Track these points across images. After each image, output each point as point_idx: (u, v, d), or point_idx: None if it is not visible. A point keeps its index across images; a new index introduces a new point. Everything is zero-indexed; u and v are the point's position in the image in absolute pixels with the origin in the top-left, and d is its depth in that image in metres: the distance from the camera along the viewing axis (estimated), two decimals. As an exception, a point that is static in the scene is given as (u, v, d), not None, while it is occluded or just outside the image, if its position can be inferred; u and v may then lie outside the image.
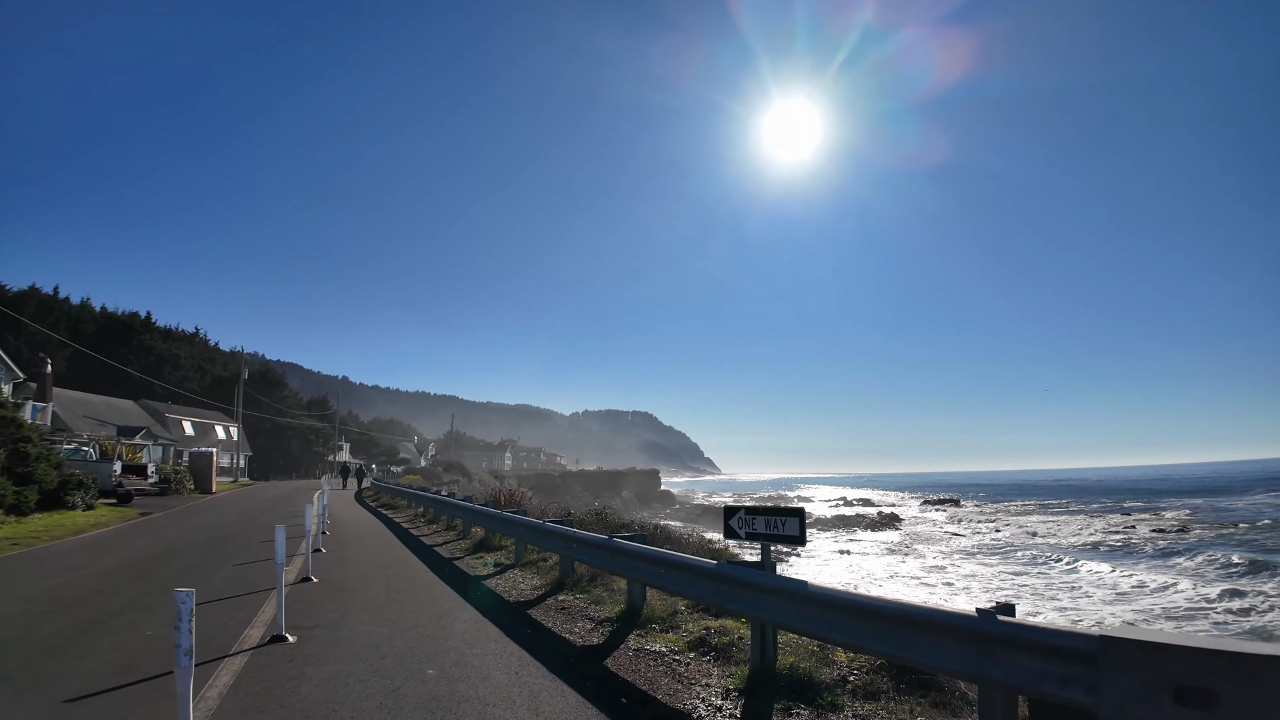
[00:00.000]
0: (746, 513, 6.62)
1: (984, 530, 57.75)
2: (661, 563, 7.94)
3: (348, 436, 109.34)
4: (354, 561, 14.42)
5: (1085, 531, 53.12)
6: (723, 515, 7.01)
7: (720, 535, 36.13)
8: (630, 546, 8.81)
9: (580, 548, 10.69)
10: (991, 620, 4.14)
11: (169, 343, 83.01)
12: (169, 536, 19.28)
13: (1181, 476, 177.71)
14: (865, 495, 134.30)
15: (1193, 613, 23.87)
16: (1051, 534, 52.17)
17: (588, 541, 10.38)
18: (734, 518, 6.79)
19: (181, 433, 65.81)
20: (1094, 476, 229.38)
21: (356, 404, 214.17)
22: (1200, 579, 29.54)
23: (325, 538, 18.34)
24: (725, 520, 6.89)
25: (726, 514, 6.88)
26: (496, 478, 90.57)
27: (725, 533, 6.89)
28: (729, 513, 6.85)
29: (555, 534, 11.81)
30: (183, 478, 40.98)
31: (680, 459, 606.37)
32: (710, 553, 13.83)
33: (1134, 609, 24.69)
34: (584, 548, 10.54)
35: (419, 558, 15.21)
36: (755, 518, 6.51)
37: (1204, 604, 24.87)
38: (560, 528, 11.82)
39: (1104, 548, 42.24)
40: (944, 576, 33.45)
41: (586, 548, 10.42)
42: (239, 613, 9.11)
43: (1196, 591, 26.62)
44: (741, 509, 6.69)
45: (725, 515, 6.89)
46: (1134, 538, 46.00)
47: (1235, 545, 38.99)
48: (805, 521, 6.05)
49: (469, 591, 10.99)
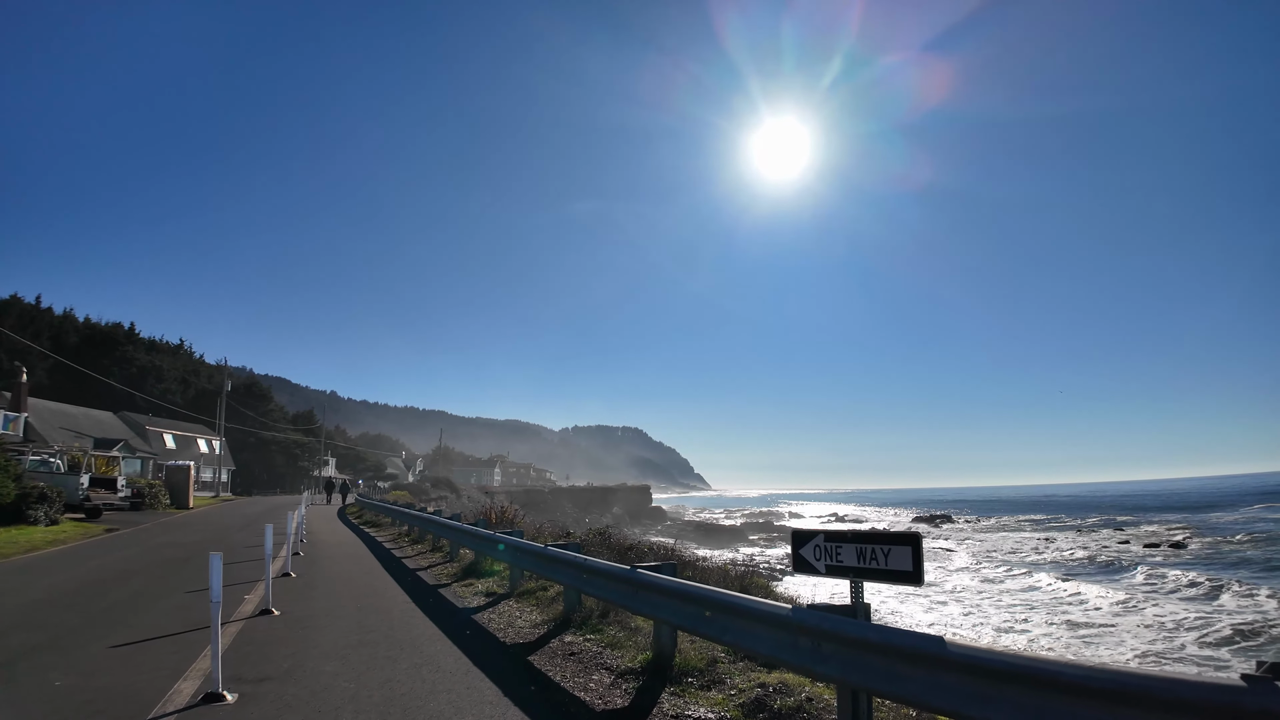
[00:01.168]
0: (827, 540, 5.00)
1: (980, 547, 56.37)
2: (707, 603, 6.10)
3: (334, 451, 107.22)
4: (325, 589, 12.65)
5: (1080, 547, 51.68)
6: (791, 543, 5.37)
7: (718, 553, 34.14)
8: (662, 581, 6.99)
9: (592, 579, 8.77)
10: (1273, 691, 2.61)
11: (153, 354, 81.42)
12: (126, 556, 17.54)
13: (1171, 492, 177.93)
14: (855, 512, 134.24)
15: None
16: (1049, 549, 50.83)
17: (604, 573, 8.42)
18: (807, 545, 5.18)
19: (163, 446, 63.89)
20: (1084, 492, 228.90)
21: (345, 419, 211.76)
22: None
23: (298, 559, 16.62)
24: (794, 549, 5.27)
25: (796, 541, 5.24)
26: (486, 494, 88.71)
27: (795, 564, 5.26)
28: (800, 539, 5.22)
29: (561, 562, 9.87)
30: (157, 492, 39.07)
31: (670, 475, 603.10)
32: (743, 585, 12.05)
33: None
34: (597, 579, 8.61)
35: (399, 584, 13.39)
36: (841, 547, 4.90)
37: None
38: (566, 554, 9.87)
39: (1098, 563, 40.90)
40: (957, 597, 31.84)
41: (601, 579, 8.50)
42: (174, 658, 7.37)
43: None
44: (819, 534, 5.07)
45: (795, 543, 5.25)
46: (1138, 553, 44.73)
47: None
48: (922, 552, 4.46)
49: (456, 629, 9.19)
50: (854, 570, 4.83)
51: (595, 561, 8.96)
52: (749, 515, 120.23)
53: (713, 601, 6.01)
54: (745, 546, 69.14)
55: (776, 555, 57.61)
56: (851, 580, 4.90)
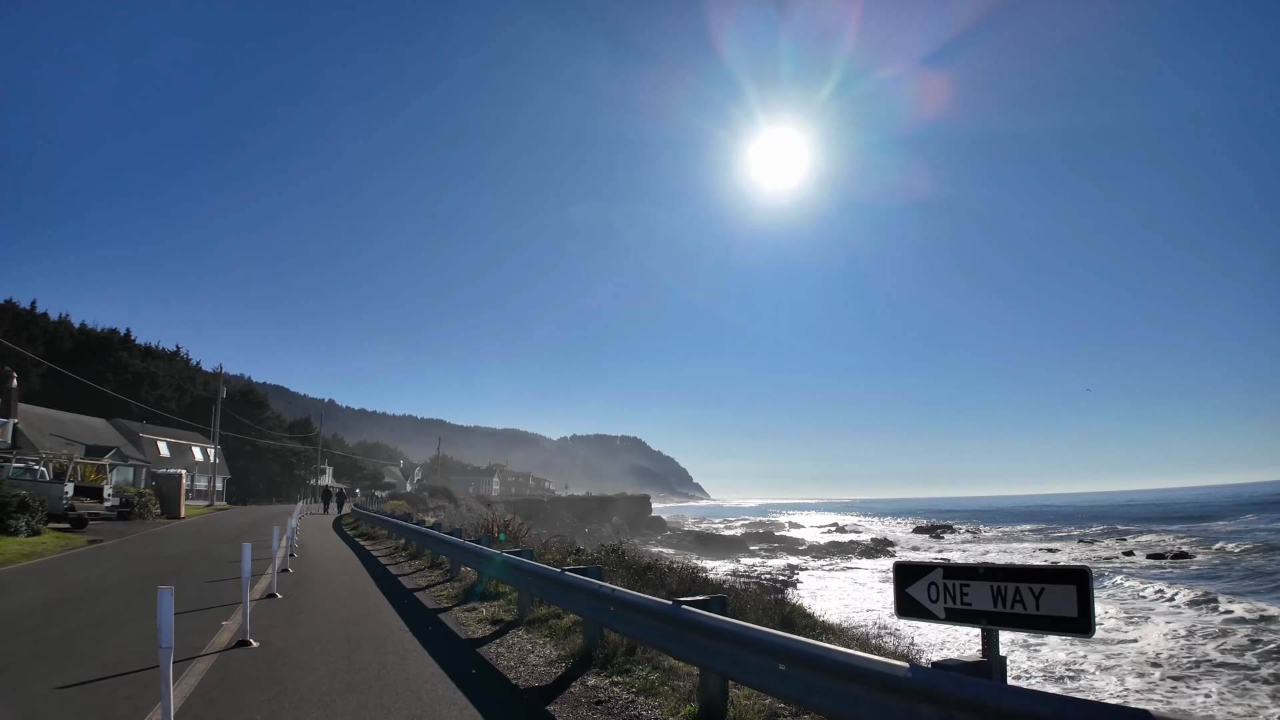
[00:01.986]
0: (948, 576, 3.91)
1: (992, 558, 55.09)
2: (786, 655, 4.69)
3: (331, 460, 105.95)
4: (312, 613, 11.37)
5: (1088, 560, 50.54)
6: (894, 579, 4.23)
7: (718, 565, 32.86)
8: (717, 624, 5.61)
9: (623, 613, 7.40)
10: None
11: (148, 361, 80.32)
12: (102, 572, 16.36)
13: (1171, 501, 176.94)
14: (855, 521, 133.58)
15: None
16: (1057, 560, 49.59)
17: (638, 607, 7.00)
18: (919, 583, 4.04)
19: (156, 453, 62.66)
20: (1083, 502, 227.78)
21: (343, 427, 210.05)
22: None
23: (286, 577, 15.37)
24: (899, 586, 4.14)
25: (904, 576, 4.14)
26: (484, 503, 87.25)
27: (900, 607, 4.12)
28: (907, 575, 4.12)
29: (581, 591, 8.45)
30: (147, 501, 37.89)
31: (669, 484, 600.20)
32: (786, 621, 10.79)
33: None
34: (629, 614, 7.24)
35: (395, 608, 12.05)
36: (969, 586, 3.81)
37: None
38: (589, 583, 8.40)
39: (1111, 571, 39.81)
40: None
41: (633, 615, 7.14)
42: (127, 705, 6.21)
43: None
44: (936, 569, 3.99)
45: (901, 578, 4.15)
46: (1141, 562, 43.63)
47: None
48: (1091, 593, 3.35)
49: (460, 668, 7.87)
50: (988, 616, 3.73)
51: (627, 594, 7.48)
52: (749, 525, 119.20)
53: (793, 654, 4.62)
54: (746, 557, 68.00)
55: (778, 566, 56.61)
56: (984, 629, 3.80)
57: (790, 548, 77.19)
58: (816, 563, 60.92)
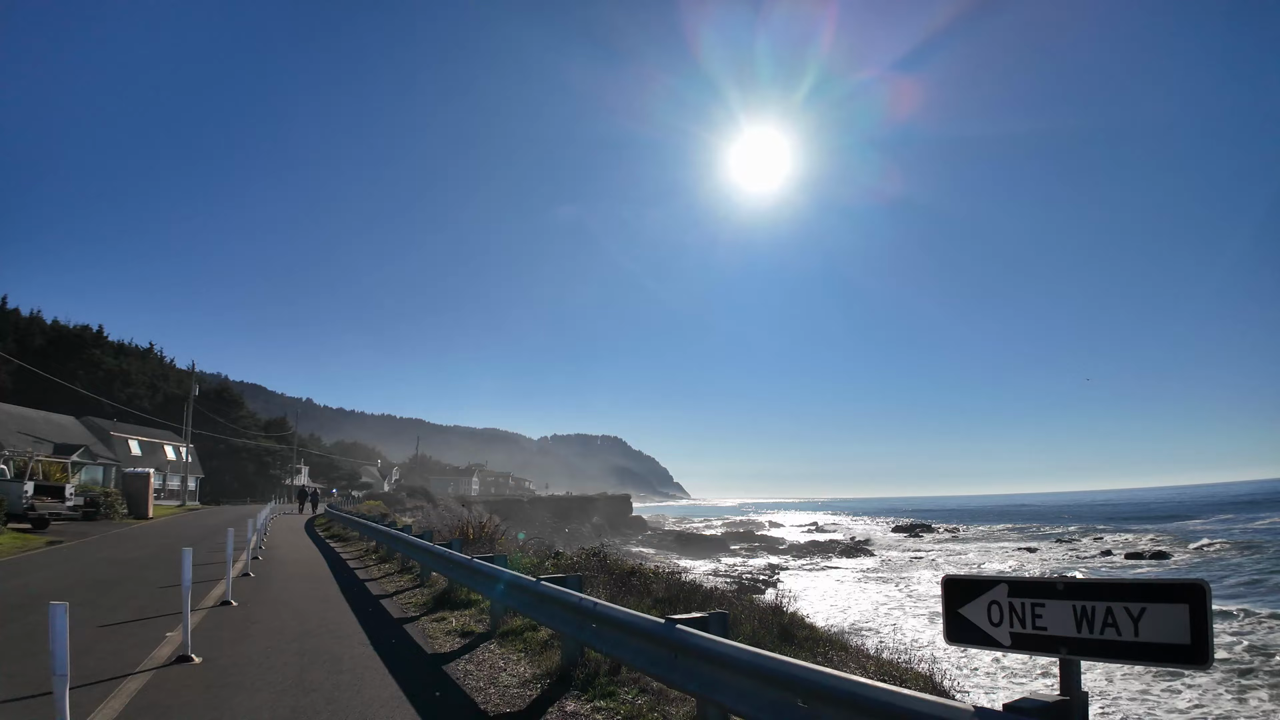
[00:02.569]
0: (1014, 593, 3.16)
1: (971, 556, 55.09)
2: (812, 691, 3.82)
3: (307, 459, 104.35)
4: (267, 623, 10.45)
5: (1068, 559, 50.51)
6: (943, 598, 3.47)
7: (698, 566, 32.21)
8: (722, 649, 4.76)
9: (606, 631, 6.57)
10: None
11: (121, 358, 78.81)
12: (50, 576, 15.39)
13: (1145, 501, 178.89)
14: (834, 521, 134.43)
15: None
16: (1033, 559, 49.63)
17: (625, 625, 6.14)
18: (976, 601, 3.27)
19: (127, 452, 61.21)
20: (1059, 501, 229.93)
21: (320, 427, 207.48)
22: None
23: (246, 582, 14.50)
24: (950, 606, 3.39)
25: (955, 594, 3.39)
26: (463, 504, 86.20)
27: (951, 631, 3.38)
28: (960, 591, 3.37)
29: (559, 603, 7.57)
30: (113, 501, 36.62)
31: (650, 484, 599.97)
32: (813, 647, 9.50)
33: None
34: (613, 633, 6.41)
35: (358, 617, 11.18)
36: (1044, 605, 3.07)
37: None
38: (566, 594, 7.52)
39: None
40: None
41: (619, 634, 6.30)
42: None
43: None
44: (999, 584, 3.24)
45: (951, 597, 3.40)
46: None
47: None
48: (1208, 613, 2.64)
49: (423, 689, 7.00)
50: (1069, 643, 2.97)
51: (611, 610, 6.54)
52: (729, 525, 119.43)
53: (819, 689, 3.72)
54: (727, 557, 67.66)
55: (759, 565, 56.25)
56: (1062, 660, 3.04)
57: (771, 547, 76.99)
58: (797, 562, 60.68)
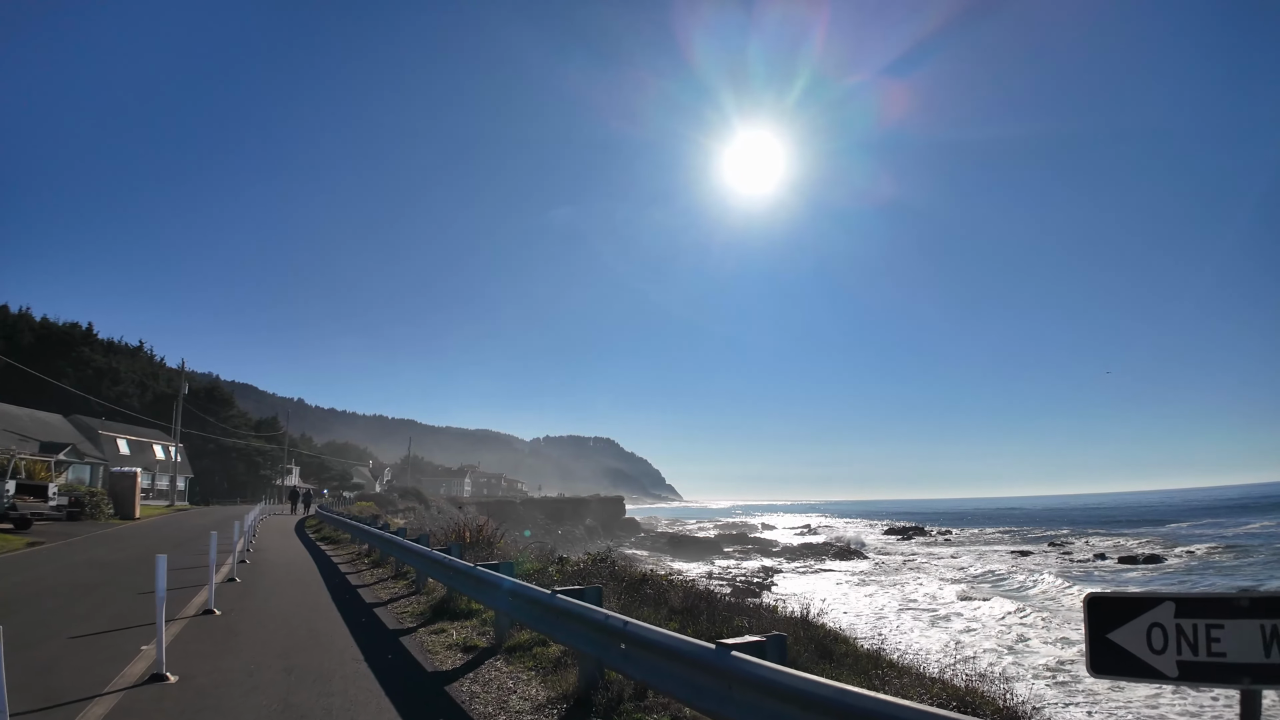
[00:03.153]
0: (1182, 612, 2.80)
1: (965, 559, 55.34)
2: None
3: (298, 460, 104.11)
4: (251, 635, 9.77)
5: (1064, 563, 50.76)
6: (1086, 620, 3.13)
7: (684, 565, 32.16)
8: (786, 680, 4.06)
9: (638, 654, 5.72)
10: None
11: (110, 356, 78.79)
12: (28, 580, 15.02)
13: (1134, 504, 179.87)
14: (826, 523, 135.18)
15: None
16: (1034, 562, 49.85)
17: (664, 649, 5.34)
18: (1130, 625, 2.92)
19: (115, 451, 60.94)
20: (1051, 505, 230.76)
21: (312, 427, 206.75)
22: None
23: (231, 587, 14.14)
24: (1095, 631, 3.08)
25: (1102, 615, 3.08)
26: (456, 505, 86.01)
27: (1097, 660, 3.13)
28: (1110, 612, 3.05)
29: (580, 620, 6.74)
30: (99, 501, 36.46)
31: (642, 485, 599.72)
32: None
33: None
34: (647, 656, 5.60)
35: (350, 628, 10.43)
36: (1221, 627, 2.64)
37: None
38: (588, 610, 6.69)
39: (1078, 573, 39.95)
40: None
41: (654, 657, 5.50)
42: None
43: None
44: (1164, 603, 2.89)
45: (1097, 619, 3.08)
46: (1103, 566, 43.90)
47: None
48: None
49: (425, 714, 6.37)
50: (1253, 671, 2.55)
51: (647, 630, 5.66)
52: (721, 527, 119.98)
53: None
54: (721, 559, 67.72)
55: (753, 568, 56.33)
56: (1243, 692, 2.69)
57: (764, 549, 77.10)
58: (791, 564, 60.77)
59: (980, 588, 38.98)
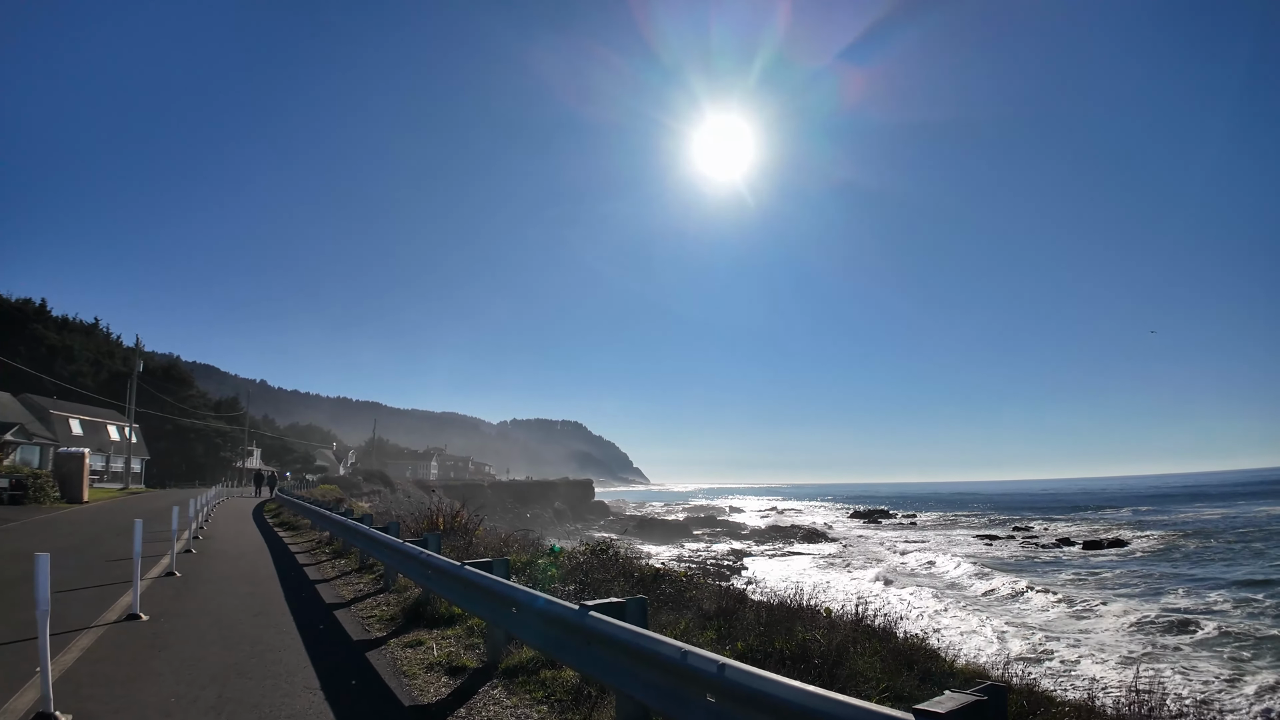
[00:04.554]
0: None
1: (929, 543, 55.54)
2: None
3: (260, 442, 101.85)
4: (181, 647, 7.76)
5: (1030, 549, 51.10)
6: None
7: (664, 551, 31.31)
8: None
9: (734, 711, 3.67)
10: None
11: (64, 334, 75.75)
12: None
13: (1095, 490, 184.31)
14: (793, 506, 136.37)
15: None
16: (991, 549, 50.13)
17: (803, 714, 3.20)
18: None
19: (68, 432, 58.78)
20: (1009, 490, 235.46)
21: (274, 409, 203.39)
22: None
23: (169, 582, 12.34)
24: None
25: None
26: (423, 488, 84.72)
27: None
28: None
29: (638, 655, 4.48)
30: (44, 483, 34.71)
31: (610, 469, 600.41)
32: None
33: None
34: (745, 713, 3.59)
35: (305, 641, 8.26)
36: None
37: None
38: (646, 638, 4.49)
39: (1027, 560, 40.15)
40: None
41: (753, 715, 3.53)
42: None
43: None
44: None
45: None
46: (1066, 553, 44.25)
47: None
48: None
49: None
50: None
51: (765, 681, 3.48)
52: (690, 510, 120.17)
53: None
54: (690, 542, 67.42)
55: (722, 551, 56.06)
56: None
57: (733, 532, 77.03)
58: (760, 548, 60.65)
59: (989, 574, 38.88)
